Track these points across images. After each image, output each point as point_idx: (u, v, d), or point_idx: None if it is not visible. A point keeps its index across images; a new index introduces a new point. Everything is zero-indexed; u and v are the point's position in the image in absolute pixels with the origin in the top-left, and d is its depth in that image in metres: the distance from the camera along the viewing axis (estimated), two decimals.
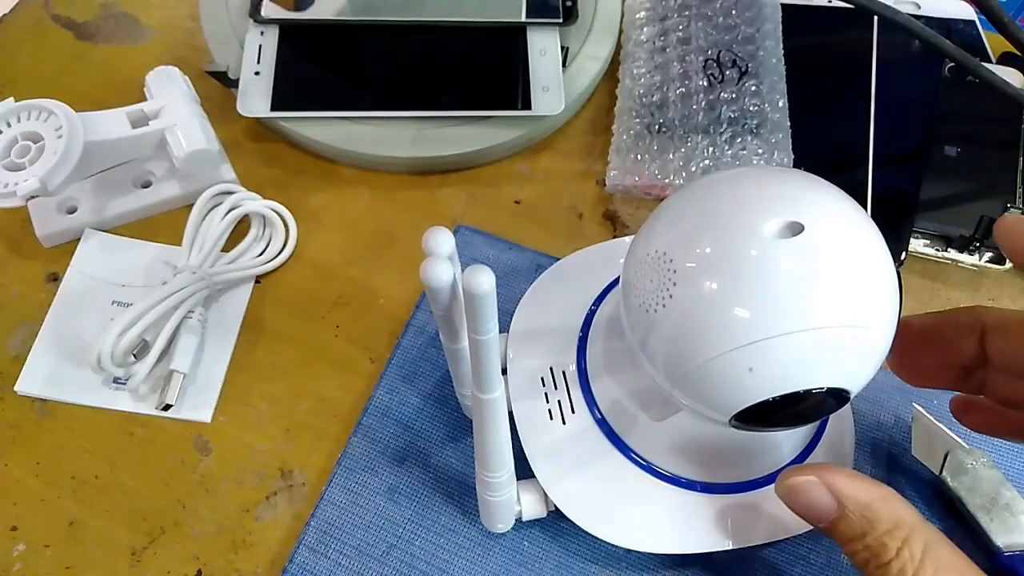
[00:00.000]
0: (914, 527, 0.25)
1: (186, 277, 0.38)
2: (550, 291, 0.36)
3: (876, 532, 0.25)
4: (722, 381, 0.24)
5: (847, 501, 0.25)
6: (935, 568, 0.24)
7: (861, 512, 0.25)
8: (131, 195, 0.43)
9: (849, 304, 0.24)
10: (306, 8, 0.47)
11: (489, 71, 0.46)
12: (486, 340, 0.24)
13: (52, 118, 0.38)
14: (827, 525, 0.26)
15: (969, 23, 0.50)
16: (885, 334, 0.25)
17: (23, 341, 0.39)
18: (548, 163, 0.46)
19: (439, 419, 0.37)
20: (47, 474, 0.36)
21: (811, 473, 0.26)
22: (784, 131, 0.44)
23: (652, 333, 0.25)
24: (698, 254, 0.24)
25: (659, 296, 0.25)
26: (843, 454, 0.34)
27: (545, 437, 0.32)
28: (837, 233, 0.24)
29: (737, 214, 0.24)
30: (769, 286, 0.23)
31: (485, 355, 0.25)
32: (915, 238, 0.42)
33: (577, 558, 0.34)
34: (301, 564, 0.33)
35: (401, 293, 0.41)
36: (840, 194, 0.25)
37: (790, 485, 0.26)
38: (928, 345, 0.30)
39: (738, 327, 0.23)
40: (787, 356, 0.23)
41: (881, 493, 0.25)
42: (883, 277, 0.24)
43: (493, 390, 0.26)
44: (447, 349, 0.30)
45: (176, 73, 0.43)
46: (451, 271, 0.23)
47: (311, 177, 0.45)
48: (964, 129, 0.44)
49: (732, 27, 0.47)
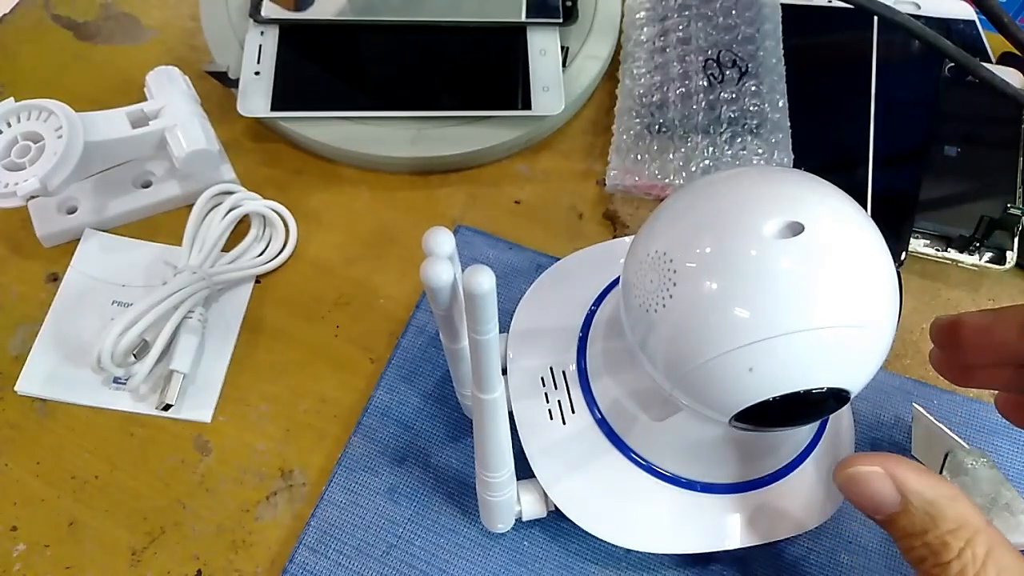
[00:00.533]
0: (979, 528, 0.24)
1: (186, 277, 0.38)
2: (550, 291, 0.36)
3: (939, 530, 0.24)
4: (722, 381, 0.24)
5: (912, 496, 0.24)
6: (997, 571, 0.23)
7: (925, 508, 0.24)
8: (131, 195, 0.43)
9: (849, 304, 0.24)
10: (306, 8, 0.47)
11: (489, 71, 0.46)
12: (486, 340, 0.24)
13: (52, 118, 0.38)
14: (885, 518, 0.25)
15: (969, 23, 0.50)
16: (885, 334, 0.25)
17: (23, 341, 0.39)
18: (548, 163, 0.46)
19: (439, 419, 0.37)
20: (47, 474, 0.36)
21: (876, 463, 0.25)
22: (784, 131, 0.44)
23: (652, 333, 0.25)
24: (698, 254, 0.24)
25: (659, 296, 0.25)
26: (843, 454, 0.34)
27: (545, 437, 0.32)
28: (837, 233, 0.24)
29: (737, 214, 0.24)
30: (769, 286, 0.23)
31: (485, 355, 0.25)
32: (915, 238, 0.42)
33: (577, 558, 0.34)
34: (301, 564, 0.33)
35: (401, 293, 0.41)
36: (840, 194, 0.25)
37: (851, 475, 0.25)
38: (983, 344, 0.29)
39: (738, 327, 0.23)
40: (787, 356, 0.23)
41: (948, 491, 0.25)
42: (883, 277, 0.24)
43: (493, 390, 0.26)
44: (447, 349, 0.30)
45: (176, 73, 0.43)
46: (451, 271, 0.23)
47: (311, 177, 0.45)
48: (964, 129, 0.44)
49: (732, 27, 0.47)
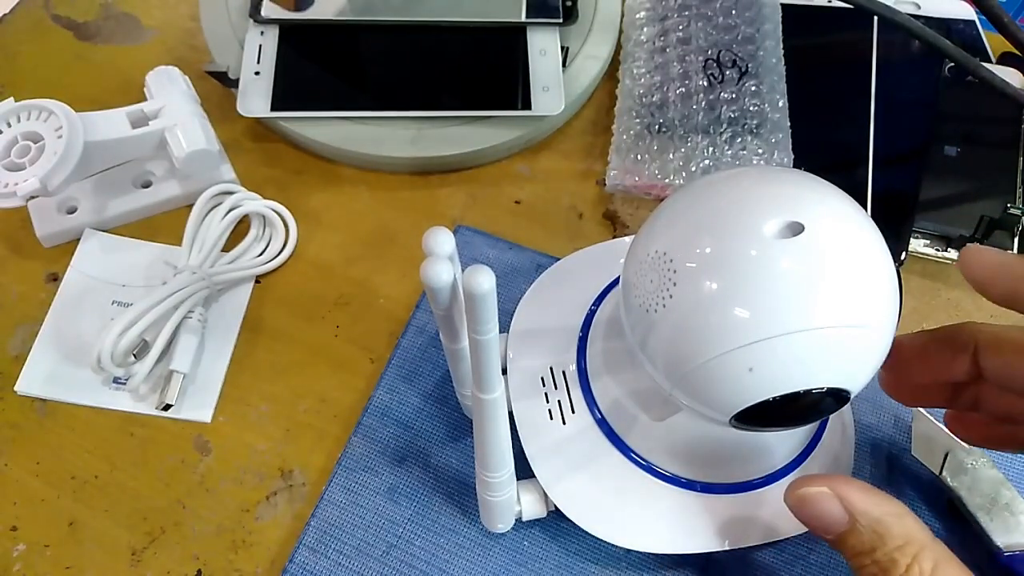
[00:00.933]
0: (925, 544, 0.24)
1: (186, 277, 0.38)
2: (550, 291, 0.36)
3: (886, 547, 0.24)
4: (722, 381, 0.24)
5: (859, 515, 0.25)
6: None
7: (872, 527, 0.25)
8: (131, 195, 0.43)
9: (849, 304, 0.24)
10: (306, 8, 0.47)
11: (489, 71, 0.46)
12: (486, 340, 0.24)
13: (52, 118, 0.38)
14: (835, 537, 0.26)
15: (969, 23, 0.50)
16: (885, 334, 0.25)
17: (23, 341, 0.39)
18: (548, 163, 0.46)
19: (439, 419, 0.37)
20: (47, 474, 0.36)
21: (823, 484, 0.26)
22: (784, 131, 0.44)
23: (652, 333, 0.25)
24: (698, 254, 0.24)
25: (659, 296, 0.25)
26: (843, 454, 0.34)
27: (545, 437, 0.32)
28: (837, 233, 0.24)
29: (737, 214, 0.24)
30: (769, 286, 0.23)
31: (485, 355, 0.25)
32: (915, 238, 0.42)
33: (577, 558, 0.34)
34: (301, 564, 0.33)
35: (401, 293, 0.41)
36: (840, 194, 0.25)
37: (801, 496, 0.26)
38: (920, 364, 0.30)
39: (738, 327, 0.23)
40: (787, 356, 0.23)
41: (894, 509, 0.25)
42: (883, 277, 0.24)
43: (493, 390, 0.26)
44: (447, 349, 0.30)
45: (176, 73, 0.43)
46: (451, 271, 0.23)
47: (311, 177, 0.45)
48: (964, 129, 0.44)
49: (732, 27, 0.47)
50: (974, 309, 0.41)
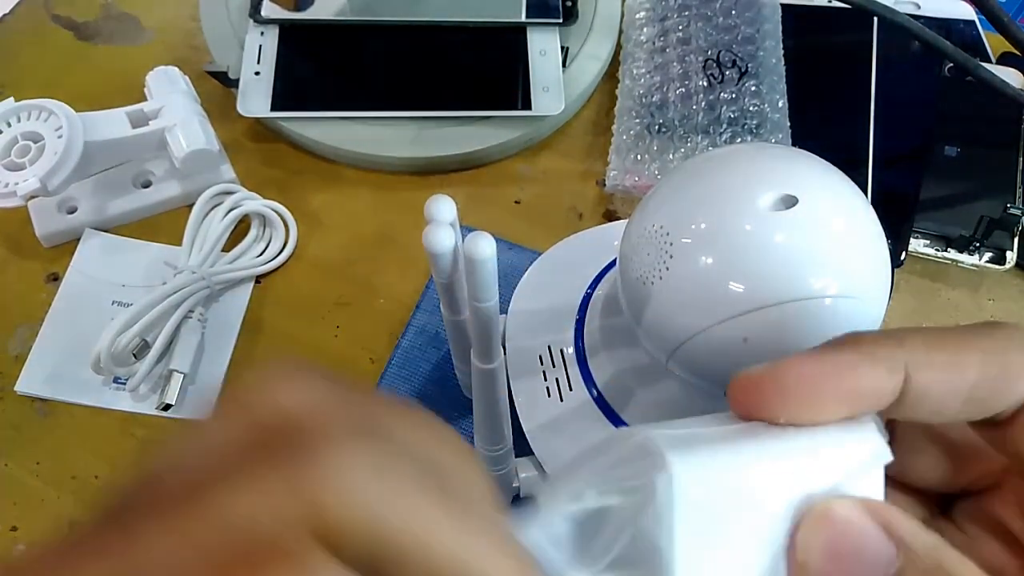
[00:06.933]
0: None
1: (186, 277, 0.38)
2: (547, 273, 0.37)
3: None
4: (717, 352, 0.24)
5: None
6: None
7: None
8: (131, 195, 0.43)
9: (842, 274, 0.24)
10: (306, 8, 0.47)
11: (489, 71, 0.46)
12: (486, 307, 0.24)
13: (52, 118, 0.38)
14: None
15: (969, 23, 0.50)
16: (878, 303, 0.25)
17: (23, 341, 0.39)
18: (548, 163, 0.46)
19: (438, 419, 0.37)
20: (47, 474, 0.36)
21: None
22: (784, 131, 0.44)
23: (648, 305, 0.26)
24: (694, 229, 0.24)
25: (656, 269, 0.25)
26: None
27: (543, 414, 0.32)
28: (830, 206, 0.24)
29: (732, 188, 0.25)
30: (763, 257, 0.24)
31: (485, 324, 0.25)
32: (915, 238, 0.42)
33: None
34: None
35: (401, 293, 0.41)
36: (832, 169, 0.26)
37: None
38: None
39: (732, 297, 0.24)
40: (781, 326, 0.24)
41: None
42: (875, 249, 0.25)
43: (493, 360, 0.27)
44: (447, 322, 0.30)
45: (176, 73, 0.43)
46: (453, 236, 0.24)
47: (311, 177, 0.45)
48: (964, 129, 0.44)
49: (732, 27, 0.47)
50: (975, 309, 0.41)
